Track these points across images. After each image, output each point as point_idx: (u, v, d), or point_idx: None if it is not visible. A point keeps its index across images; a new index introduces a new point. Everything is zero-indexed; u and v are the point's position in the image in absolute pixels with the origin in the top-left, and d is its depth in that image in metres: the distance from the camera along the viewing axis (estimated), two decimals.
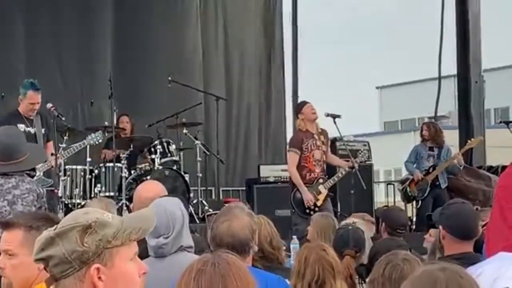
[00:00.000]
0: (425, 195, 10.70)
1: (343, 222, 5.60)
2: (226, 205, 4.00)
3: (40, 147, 6.37)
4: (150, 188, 4.81)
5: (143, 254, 4.21)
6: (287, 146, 9.65)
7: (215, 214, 4.90)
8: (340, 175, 9.38)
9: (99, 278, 2.20)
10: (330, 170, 9.64)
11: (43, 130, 8.40)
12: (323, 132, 9.34)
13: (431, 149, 10.86)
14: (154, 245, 4.02)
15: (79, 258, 2.17)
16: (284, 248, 4.99)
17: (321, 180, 9.18)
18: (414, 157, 10.94)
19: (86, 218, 2.22)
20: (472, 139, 11.03)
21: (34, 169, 5.19)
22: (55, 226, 2.22)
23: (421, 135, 11.07)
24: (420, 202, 10.85)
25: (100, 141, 9.55)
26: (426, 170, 10.77)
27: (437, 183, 10.74)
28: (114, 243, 2.22)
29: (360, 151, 10.44)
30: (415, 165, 10.94)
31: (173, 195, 4.95)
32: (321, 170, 9.25)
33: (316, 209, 9.02)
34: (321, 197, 9.12)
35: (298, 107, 9.53)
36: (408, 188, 10.90)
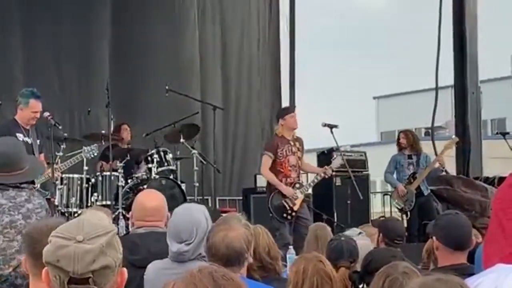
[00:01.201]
0: (413, 206, 10.54)
1: (347, 232, 5.60)
2: (223, 215, 4.00)
3: (36, 159, 6.36)
4: (153, 197, 4.78)
5: (143, 263, 4.22)
6: (263, 150, 9.71)
7: None
8: (315, 180, 9.43)
9: None
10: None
11: (38, 142, 8.38)
12: (299, 140, 9.41)
13: (409, 157, 10.75)
14: (176, 251, 4.01)
15: (119, 264, 2.24)
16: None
17: (297, 185, 9.24)
18: (394, 167, 10.80)
19: (106, 223, 2.28)
20: (447, 142, 10.91)
21: (33, 182, 5.15)
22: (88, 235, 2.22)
23: (398, 144, 10.90)
24: (408, 213, 10.69)
25: (95, 154, 9.55)
26: (407, 178, 10.66)
27: (420, 191, 10.62)
28: None
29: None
30: (395, 175, 10.84)
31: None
32: (297, 175, 9.35)
33: (293, 213, 9.12)
34: (298, 202, 9.19)
35: (282, 113, 9.56)
36: (394, 201, 10.74)
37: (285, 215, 9.13)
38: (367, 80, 62.93)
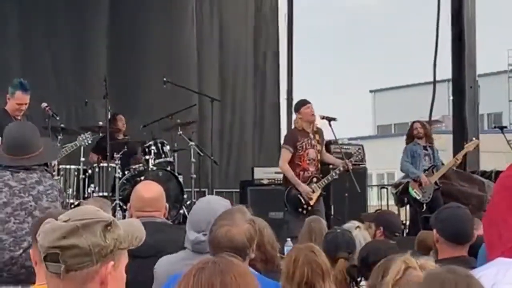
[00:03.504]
0: (430, 198, 10.40)
1: (346, 225, 5.61)
2: (229, 208, 3.97)
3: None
4: (151, 188, 4.79)
5: (141, 253, 4.21)
6: (282, 143, 9.69)
7: None
8: (334, 174, 9.37)
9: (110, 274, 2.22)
10: (324, 171, 9.64)
11: None
12: (319, 131, 9.36)
13: (425, 148, 10.63)
14: (193, 239, 4.01)
15: (99, 253, 2.19)
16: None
17: (315, 179, 9.20)
18: (411, 157, 10.59)
19: (104, 214, 2.24)
20: (469, 143, 10.81)
21: (46, 164, 5.16)
22: (68, 218, 2.21)
23: (413, 134, 10.69)
24: (424, 205, 10.40)
25: (90, 142, 9.53)
26: (426, 170, 10.51)
27: (437, 185, 10.50)
28: (123, 245, 2.26)
29: (355, 152, 10.43)
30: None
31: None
32: (316, 169, 9.28)
33: (309, 208, 9.06)
34: (314, 196, 9.14)
35: (298, 106, 9.46)
36: (412, 190, 10.48)
37: (300, 209, 9.09)
38: (364, 74, 62.97)
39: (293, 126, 9.63)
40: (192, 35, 13.65)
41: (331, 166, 9.84)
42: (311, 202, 9.10)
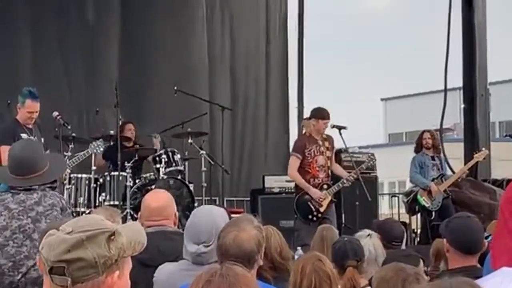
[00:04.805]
0: (439, 206, 10.42)
1: (357, 234, 5.59)
2: (236, 216, 3.96)
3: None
4: (158, 197, 4.80)
5: (153, 262, 4.23)
6: (291, 150, 9.67)
7: None
8: (345, 181, 9.30)
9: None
10: (335, 179, 9.61)
11: (42, 140, 8.35)
12: (328, 139, 9.29)
13: (433, 158, 10.68)
14: (194, 252, 3.98)
15: (105, 264, 2.18)
16: None
17: (325, 186, 9.14)
18: (419, 167, 10.65)
19: (108, 224, 2.23)
20: (478, 153, 10.78)
21: (55, 180, 5.11)
22: (71, 229, 2.20)
23: (422, 144, 10.72)
24: (433, 213, 10.43)
25: (102, 149, 9.55)
26: (434, 178, 10.55)
27: (447, 193, 10.53)
28: (126, 253, 2.25)
29: (367, 159, 10.41)
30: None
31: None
32: (326, 175, 9.20)
33: (319, 215, 9.02)
34: (325, 203, 9.08)
35: (318, 115, 9.24)
36: (421, 198, 10.51)
37: (310, 216, 9.04)
38: (375, 82, 62.97)
39: (303, 131, 9.58)
40: (203, 43, 13.68)
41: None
42: (321, 209, 9.05)
